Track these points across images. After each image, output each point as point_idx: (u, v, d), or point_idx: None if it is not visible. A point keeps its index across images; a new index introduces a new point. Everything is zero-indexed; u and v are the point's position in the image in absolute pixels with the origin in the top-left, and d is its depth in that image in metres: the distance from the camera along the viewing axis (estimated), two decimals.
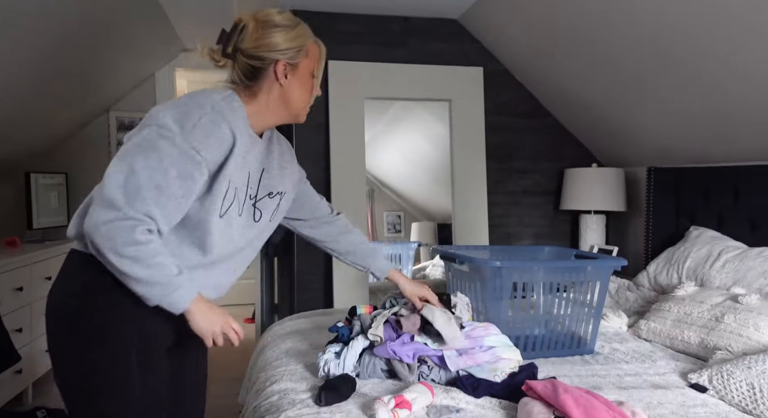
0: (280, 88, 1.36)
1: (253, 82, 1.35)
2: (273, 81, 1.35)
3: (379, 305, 2.04)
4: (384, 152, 4.61)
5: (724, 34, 2.15)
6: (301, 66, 1.37)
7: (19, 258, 2.91)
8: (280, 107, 1.38)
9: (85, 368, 1.24)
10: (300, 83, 1.38)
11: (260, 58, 1.32)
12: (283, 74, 1.34)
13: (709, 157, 2.85)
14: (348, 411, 1.53)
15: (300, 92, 1.39)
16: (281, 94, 1.36)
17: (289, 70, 1.35)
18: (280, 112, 1.39)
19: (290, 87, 1.36)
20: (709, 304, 2.17)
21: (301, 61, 1.36)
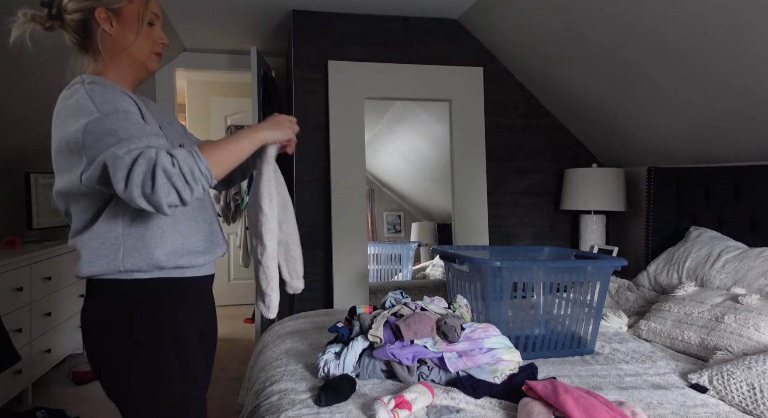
0: (111, 38, 1.29)
1: (88, 41, 1.30)
2: (102, 32, 1.28)
3: (379, 305, 2.04)
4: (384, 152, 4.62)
5: (724, 33, 2.15)
6: (125, 11, 1.29)
7: (19, 258, 2.91)
8: (123, 60, 1.31)
9: (129, 376, 1.26)
10: (127, 27, 1.30)
11: (79, 10, 1.26)
12: (107, 22, 1.28)
13: (709, 157, 2.85)
14: (348, 411, 1.53)
15: (131, 38, 1.30)
16: (114, 44, 1.30)
17: (112, 17, 1.28)
18: (126, 65, 1.33)
19: (119, 35, 1.29)
20: (710, 304, 2.18)
21: (122, 5, 1.28)
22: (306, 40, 3.30)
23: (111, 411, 2.99)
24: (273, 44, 3.94)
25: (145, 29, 1.32)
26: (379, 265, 4.46)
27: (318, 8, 3.26)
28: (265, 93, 3.59)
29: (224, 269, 5.61)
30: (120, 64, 1.32)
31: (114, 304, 1.27)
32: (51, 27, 1.29)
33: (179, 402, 1.29)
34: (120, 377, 1.27)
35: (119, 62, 1.32)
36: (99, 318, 1.28)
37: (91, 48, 1.31)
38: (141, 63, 1.34)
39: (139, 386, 1.26)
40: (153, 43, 1.35)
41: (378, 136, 4.39)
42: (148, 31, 1.33)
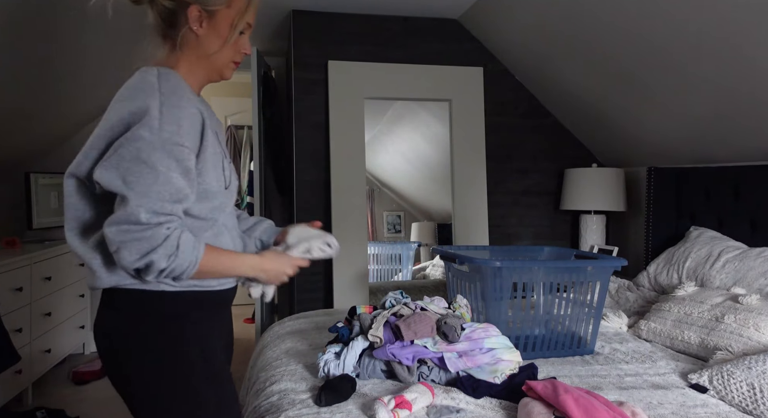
0: (196, 38, 1.21)
1: (171, 29, 1.22)
2: (189, 31, 1.21)
3: (379, 305, 2.04)
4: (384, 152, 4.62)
5: (724, 34, 2.15)
6: (219, 15, 1.20)
7: (19, 258, 2.91)
8: (200, 61, 1.24)
9: (157, 396, 1.21)
10: (216, 33, 1.22)
11: None
12: (197, 21, 1.19)
13: (709, 157, 2.85)
14: (348, 411, 1.53)
15: (218, 45, 1.23)
16: (197, 46, 1.22)
17: (204, 18, 1.20)
18: (203, 67, 1.26)
19: (206, 38, 1.22)
20: (710, 304, 2.18)
21: (219, 9, 1.20)
22: (306, 40, 3.30)
23: (111, 411, 2.99)
24: (273, 44, 3.94)
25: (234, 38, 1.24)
26: (379, 265, 4.46)
27: (318, 8, 3.26)
28: (265, 93, 3.59)
29: None
30: (196, 65, 1.25)
31: (140, 318, 1.20)
32: (139, 1, 1.21)
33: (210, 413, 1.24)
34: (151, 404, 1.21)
35: (196, 63, 1.25)
36: (123, 336, 1.20)
37: (171, 39, 1.23)
38: (218, 69, 1.28)
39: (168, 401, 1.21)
40: (236, 51, 1.27)
41: (378, 136, 4.39)
42: (236, 39, 1.25)
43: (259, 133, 3.47)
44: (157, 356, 1.20)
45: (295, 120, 3.33)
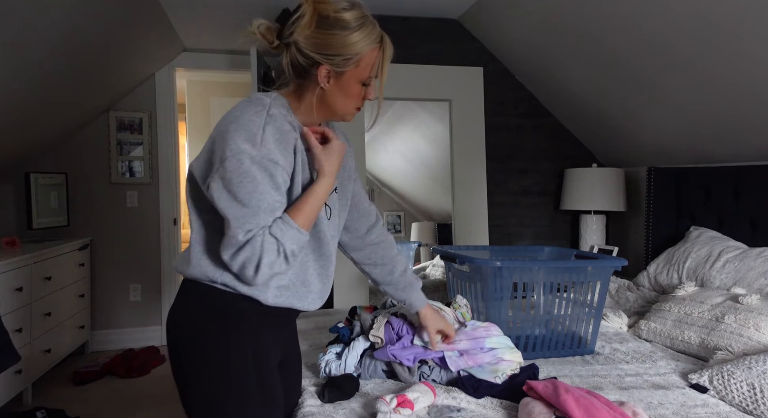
0: (322, 91, 1.27)
1: (300, 79, 1.27)
2: (316, 82, 1.26)
3: (379, 305, 2.04)
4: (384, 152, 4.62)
5: (724, 34, 2.16)
6: (347, 75, 1.25)
7: (19, 258, 2.91)
8: (323, 109, 1.31)
9: (208, 394, 1.25)
10: (342, 91, 1.27)
11: (307, 57, 1.23)
12: (325, 79, 1.24)
13: (709, 157, 2.85)
14: (351, 409, 1.54)
15: (342, 99, 1.29)
16: (322, 98, 1.28)
17: (332, 76, 1.25)
18: (324, 113, 1.33)
19: (331, 93, 1.27)
20: (710, 304, 2.18)
21: (348, 69, 1.24)
22: None
23: (111, 411, 2.99)
24: None
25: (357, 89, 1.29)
26: None
27: None
28: None
29: None
30: (319, 111, 1.31)
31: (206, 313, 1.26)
32: (276, 47, 1.27)
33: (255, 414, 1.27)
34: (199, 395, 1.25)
35: (318, 110, 1.31)
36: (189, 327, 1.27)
37: (298, 85, 1.29)
38: (340, 116, 1.34)
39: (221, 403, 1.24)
40: (359, 100, 1.32)
41: (378, 136, 4.39)
42: (361, 91, 1.30)
43: None
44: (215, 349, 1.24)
45: None
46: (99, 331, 4.03)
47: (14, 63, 2.48)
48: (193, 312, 1.27)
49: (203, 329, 1.25)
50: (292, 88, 1.31)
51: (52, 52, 2.64)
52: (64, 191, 3.81)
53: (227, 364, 1.24)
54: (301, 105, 1.30)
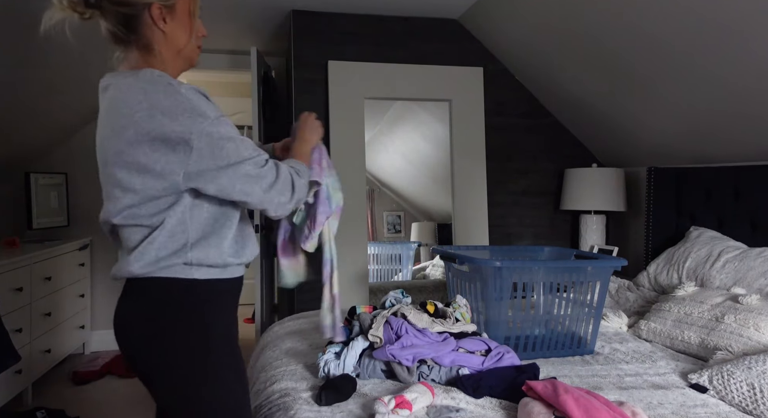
0: (164, 35, 1.24)
1: (135, 35, 1.22)
2: (154, 28, 1.22)
3: (379, 305, 2.04)
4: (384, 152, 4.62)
5: (723, 34, 2.15)
6: (178, 6, 1.25)
7: (19, 258, 2.91)
8: (172, 55, 1.28)
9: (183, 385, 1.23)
10: (181, 26, 1.26)
11: (128, 4, 1.19)
12: (161, 18, 1.22)
13: (709, 157, 2.85)
14: (349, 411, 1.53)
15: (184, 37, 1.28)
16: (167, 42, 1.25)
17: (166, 13, 1.23)
18: (175, 61, 1.30)
19: (173, 33, 1.25)
20: (710, 304, 2.18)
21: (176, 1, 1.24)
22: (306, 40, 3.30)
23: (111, 411, 2.99)
24: (273, 44, 3.94)
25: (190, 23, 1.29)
26: (379, 265, 4.46)
27: (318, 8, 3.26)
28: (265, 93, 3.59)
29: None
30: (169, 59, 1.28)
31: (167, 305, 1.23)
32: (89, 16, 1.21)
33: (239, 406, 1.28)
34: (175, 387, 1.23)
35: (169, 58, 1.28)
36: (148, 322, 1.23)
37: (139, 43, 1.24)
38: (188, 58, 1.33)
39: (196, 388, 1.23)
40: (197, 37, 1.33)
41: (378, 136, 4.39)
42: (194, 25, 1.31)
43: (259, 133, 3.47)
44: (183, 342, 1.22)
45: (295, 120, 3.33)
46: (99, 331, 4.03)
47: (14, 63, 2.48)
48: (152, 310, 1.22)
49: (167, 325, 1.22)
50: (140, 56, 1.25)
51: (52, 52, 2.64)
52: (64, 191, 3.81)
53: (197, 351, 1.23)
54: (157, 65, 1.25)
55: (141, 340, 1.23)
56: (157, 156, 1.15)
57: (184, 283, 1.23)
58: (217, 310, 1.28)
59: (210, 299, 1.26)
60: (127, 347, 1.25)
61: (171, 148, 1.15)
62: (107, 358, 3.68)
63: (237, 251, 1.30)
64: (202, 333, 1.24)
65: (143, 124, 1.15)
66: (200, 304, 1.25)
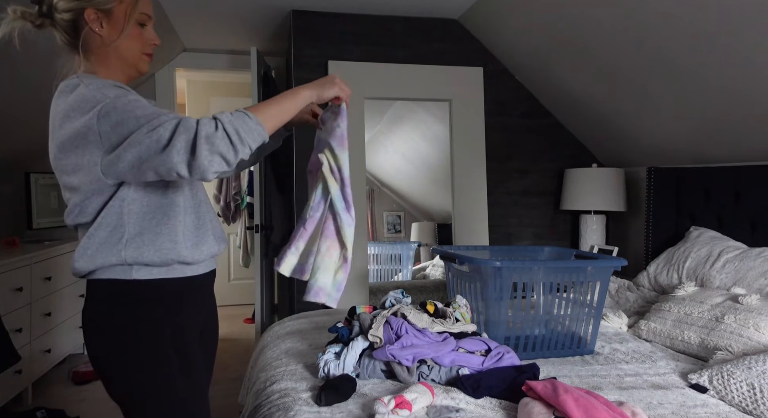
0: (101, 39, 1.27)
1: (78, 41, 1.27)
2: (91, 33, 1.26)
3: (379, 305, 2.04)
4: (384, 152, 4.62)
5: (724, 34, 2.15)
6: (115, 11, 1.26)
7: (19, 258, 2.91)
8: (113, 60, 1.30)
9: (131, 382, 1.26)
10: (118, 31, 1.27)
11: (69, 10, 1.24)
12: (97, 22, 1.25)
13: (709, 157, 2.85)
14: (349, 411, 1.53)
15: (125, 43, 1.29)
16: (105, 46, 1.28)
17: (102, 18, 1.25)
18: (117, 66, 1.31)
19: (110, 36, 1.27)
20: (710, 304, 2.18)
21: (113, 6, 1.25)
22: (306, 40, 3.30)
23: (111, 411, 2.99)
24: (273, 44, 3.94)
25: (133, 29, 1.29)
26: (379, 265, 4.46)
27: (318, 8, 3.26)
28: (265, 93, 3.59)
29: (224, 269, 5.61)
30: (111, 64, 1.31)
31: (115, 304, 1.26)
32: (41, 25, 1.28)
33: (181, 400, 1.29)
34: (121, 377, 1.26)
35: (110, 63, 1.30)
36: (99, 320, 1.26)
37: (82, 48, 1.28)
38: (132, 64, 1.33)
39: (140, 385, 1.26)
40: (143, 43, 1.33)
41: (378, 136, 4.39)
42: (139, 31, 1.31)
43: None
44: (130, 343, 1.24)
45: None
46: None
47: (14, 62, 2.48)
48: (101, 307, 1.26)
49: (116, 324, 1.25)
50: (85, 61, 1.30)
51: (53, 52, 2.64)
52: None
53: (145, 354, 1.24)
54: (100, 71, 1.29)
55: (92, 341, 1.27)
56: (80, 151, 1.18)
57: (124, 284, 1.25)
58: (164, 312, 1.27)
59: (154, 300, 1.27)
60: (86, 345, 1.29)
61: (86, 141, 1.17)
62: None
63: (187, 249, 1.29)
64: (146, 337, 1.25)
65: (62, 125, 1.20)
66: (142, 306, 1.26)
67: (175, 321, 1.29)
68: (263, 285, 3.55)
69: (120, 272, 1.25)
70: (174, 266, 1.29)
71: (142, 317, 1.26)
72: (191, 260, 1.30)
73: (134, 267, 1.25)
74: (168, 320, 1.28)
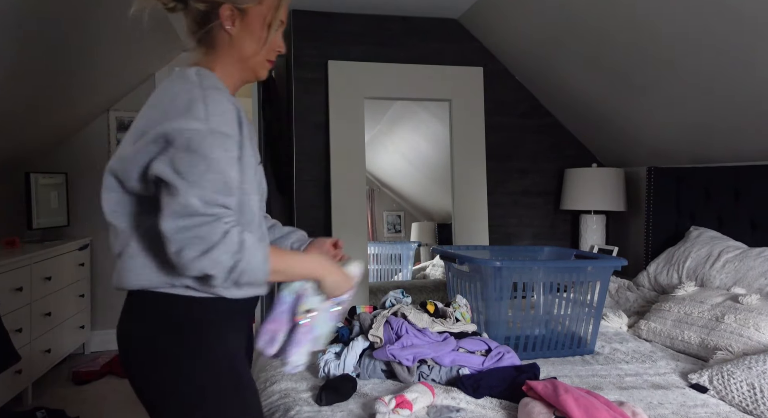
0: (229, 38, 1.20)
1: (205, 33, 1.20)
2: (221, 30, 1.19)
3: (379, 305, 2.04)
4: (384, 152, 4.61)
5: (724, 35, 2.15)
6: (251, 13, 1.19)
7: (19, 258, 2.91)
8: (236, 64, 1.23)
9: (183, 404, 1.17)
10: (249, 34, 1.20)
11: (206, 1, 1.17)
12: (230, 20, 1.18)
13: (709, 157, 2.85)
14: (349, 411, 1.53)
15: (252, 46, 1.21)
16: (231, 45, 1.20)
17: (237, 17, 1.18)
18: (237, 68, 1.24)
19: (239, 37, 1.20)
20: (710, 304, 2.18)
21: (250, 6, 1.18)
22: (306, 40, 3.30)
23: (111, 411, 2.99)
24: None
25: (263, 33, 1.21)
26: (379, 265, 4.46)
27: (318, 8, 3.26)
28: (265, 93, 3.59)
29: None
30: (231, 66, 1.23)
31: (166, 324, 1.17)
32: (173, 8, 1.20)
33: None
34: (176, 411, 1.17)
35: (231, 63, 1.23)
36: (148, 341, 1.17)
37: (205, 41, 1.22)
38: (253, 69, 1.25)
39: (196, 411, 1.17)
40: (269, 50, 1.25)
41: (378, 136, 4.39)
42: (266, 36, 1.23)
43: (259, 133, 3.47)
44: (182, 362, 1.16)
45: (295, 120, 3.33)
46: (99, 331, 4.03)
47: (14, 62, 2.48)
48: (152, 328, 1.17)
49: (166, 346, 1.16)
50: (204, 55, 1.23)
51: (53, 52, 2.64)
52: (64, 191, 3.81)
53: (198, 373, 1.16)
54: (217, 67, 1.22)
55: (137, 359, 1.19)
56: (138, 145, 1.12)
57: (184, 300, 1.16)
58: (219, 331, 1.20)
59: (211, 319, 1.19)
60: (125, 364, 1.21)
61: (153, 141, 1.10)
62: (107, 358, 3.68)
63: None
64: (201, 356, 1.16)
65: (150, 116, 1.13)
66: (199, 324, 1.18)
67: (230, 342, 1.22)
68: None
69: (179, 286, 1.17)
70: None
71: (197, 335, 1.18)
72: None
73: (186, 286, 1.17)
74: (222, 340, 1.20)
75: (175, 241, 1.06)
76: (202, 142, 1.07)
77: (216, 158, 1.08)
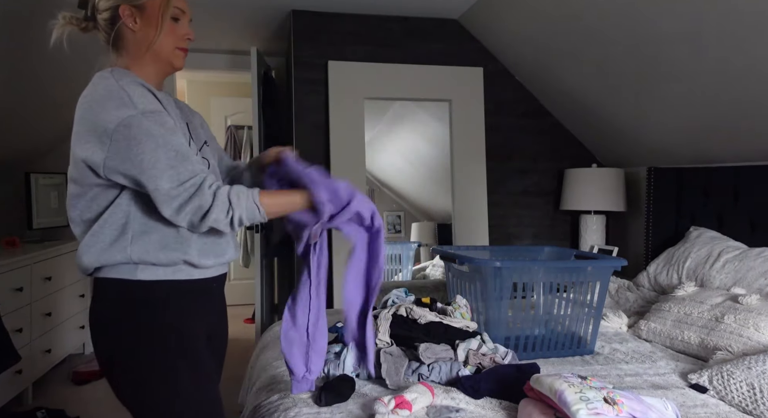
0: (134, 34, 1.29)
1: (114, 38, 1.30)
2: (125, 29, 1.29)
3: (380, 305, 2.04)
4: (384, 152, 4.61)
5: (723, 35, 2.15)
6: (148, 7, 1.28)
7: (19, 258, 2.91)
8: (147, 56, 1.31)
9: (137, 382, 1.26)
10: (153, 25, 1.29)
11: (108, 8, 1.28)
12: (131, 18, 1.28)
13: (709, 157, 2.85)
14: (349, 411, 1.53)
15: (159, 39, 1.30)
16: (138, 42, 1.30)
17: (136, 14, 1.28)
18: (151, 62, 1.33)
19: (143, 32, 1.29)
20: (709, 304, 2.18)
21: (145, 1, 1.28)
22: (306, 40, 3.30)
23: (111, 411, 2.99)
24: (273, 44, 3.94)
25: (168, 25, 1.30)
26: None
27: (318, 8, 3.26)
28: (265, 93, 3.59)
29: None
30: (145, 60, 1.32)
31: (120, 305, 1.26)
32: (86, 28, 1.32)
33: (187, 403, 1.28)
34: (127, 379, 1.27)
35: (144, 59, 1.32)
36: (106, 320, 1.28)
37: (117, 44, 1.31)
38: (165, 59, 1.34)
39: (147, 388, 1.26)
40: (177, 38, 1.33)
41: (378, 136, 4.39)
42: (172, 26, 1.32)
43: (259, 133, 3.47)
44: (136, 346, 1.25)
45: (295, 120, 3.33)
46: None
47: (15, 62, 2.48)
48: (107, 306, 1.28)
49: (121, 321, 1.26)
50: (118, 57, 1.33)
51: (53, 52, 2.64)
52: (65, 191, 3.81)
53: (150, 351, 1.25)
54: (132, 66, 1.31)
55: (99, 341, 1.29)
56: (89, 146, 1.20)
57: (131, 285, 1.25)
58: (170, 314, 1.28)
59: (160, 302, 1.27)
60: (93, 345, 1.31)
61: (98, 138, 1.19)
62: None
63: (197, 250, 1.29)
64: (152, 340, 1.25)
65: (82, 116, 1.22)
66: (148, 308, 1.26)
67: (181, 324, 1.29)
68: (263, 285, 3.55)
69: (125, 271, 1.25)
70: (180, 266, 1.28)
71: (148, 319, 1.26)
72: (198, 263, 1.29)
73: (140, 266, 1.24)
74: (174, 322, 1.28)
75: (181, 220, 1.20)
76: (139, 125, 1.18)
77: (157, 134, 1.19)
